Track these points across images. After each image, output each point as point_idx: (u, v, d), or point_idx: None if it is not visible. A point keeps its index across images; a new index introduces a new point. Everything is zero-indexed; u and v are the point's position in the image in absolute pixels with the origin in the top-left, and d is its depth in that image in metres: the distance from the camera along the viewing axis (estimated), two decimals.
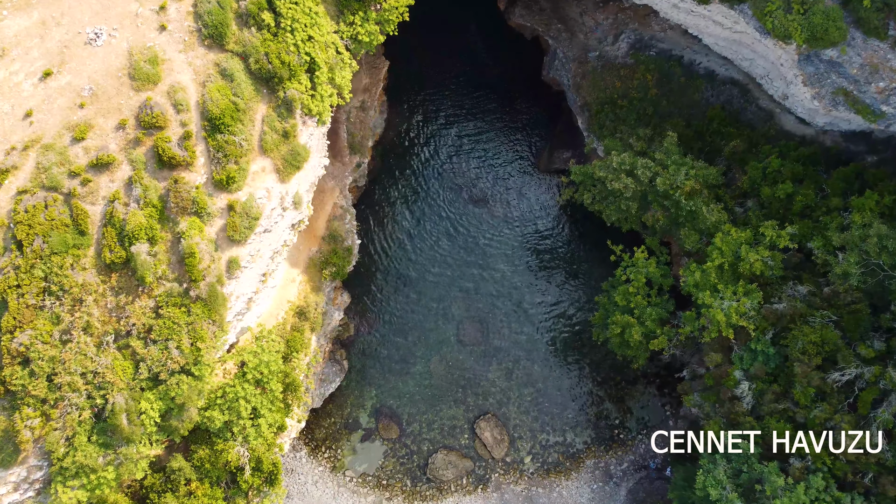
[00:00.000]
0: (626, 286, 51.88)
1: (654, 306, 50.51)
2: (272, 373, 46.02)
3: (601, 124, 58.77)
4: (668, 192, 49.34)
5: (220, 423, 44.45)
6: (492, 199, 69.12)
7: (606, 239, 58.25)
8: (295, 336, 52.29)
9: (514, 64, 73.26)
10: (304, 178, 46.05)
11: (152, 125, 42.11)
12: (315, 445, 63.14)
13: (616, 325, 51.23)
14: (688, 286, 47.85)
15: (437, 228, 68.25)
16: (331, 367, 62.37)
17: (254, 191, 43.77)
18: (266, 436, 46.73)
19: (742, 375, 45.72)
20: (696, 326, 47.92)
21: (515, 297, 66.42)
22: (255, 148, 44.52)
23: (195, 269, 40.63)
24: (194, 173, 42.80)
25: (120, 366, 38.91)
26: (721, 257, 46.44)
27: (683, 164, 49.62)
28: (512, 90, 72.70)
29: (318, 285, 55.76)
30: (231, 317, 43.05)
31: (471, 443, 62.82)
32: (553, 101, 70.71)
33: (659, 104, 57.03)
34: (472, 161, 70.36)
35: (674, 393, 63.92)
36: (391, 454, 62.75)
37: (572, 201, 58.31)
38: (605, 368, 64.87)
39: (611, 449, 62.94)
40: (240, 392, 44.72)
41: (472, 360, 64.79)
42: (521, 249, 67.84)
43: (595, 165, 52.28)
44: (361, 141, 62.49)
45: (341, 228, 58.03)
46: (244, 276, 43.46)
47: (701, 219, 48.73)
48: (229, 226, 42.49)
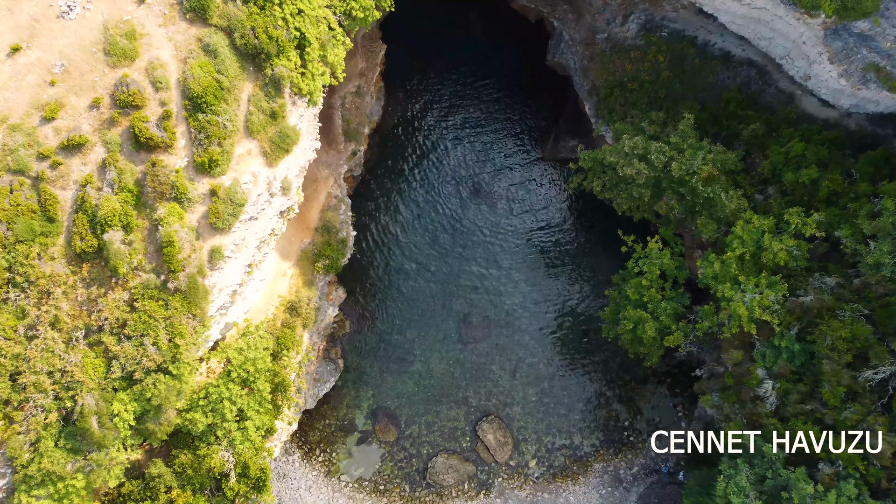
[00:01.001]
0: (639, 279, 48.65)
1: (668, 300, 47.31)
2: (259, 371, 42.81)
3: (610, 109, 55.56)
4: (684, 179, 46.13)
5: (203, 425, 41.26)
6: (494, 190, 65.90)
7: (615, 230, 55.03)
8: (285, 333, 49.12)
9: (518, 48, 70.05)
10: (294, 163, 42.86)
11: (129, 104, 38.92)
12: (308, 449, 59.98)
13: (628, 320, 48.00)
14: (706, 278, 44.61)
15: (436, 220, 65.07)
16: (325, 366, 59.22)
17: (238, 175, 40.58)
18: (253, 439, 43.50)
19: (765, 374, 42.48)
20: (715, 321, 44.72)
21: (520, 293, 63.27)
22: (241, 129, 41.33)
23: (174, 258, 37.44)
24: (174, 156, 39.62)
25: (91, 364, 35.70)
26: (742, 247, 43.21)
27: (700, 149, 46.41)
28: (515, 76, 69.49)
29: (310, 279, 52.59)
30: (213, 311, 39.84)
31: (473, 446, 59.69)
32: (558, 86, 67.50)
33: (672, 87, 53.79)
34: (473, 150, 67.15)
35: (686, 393, 60.83)
36: (389, 458, 59.67)
37: (581, 189, 55.05)
38: (613, 367, 61.73)
39: (620, 452, 59.82)
40: (224, 392, 41.53)
41: (473, 358, 61.64)
42: (525, 242, 64.66)
43: (605, 150, 49.01)
44: (357, 128, 59.28)
45: (335, 219, 54.83)
46: (228, 267, 40.26)
47: (719, 206, 45.50)
48: (212, 212, 39.28)
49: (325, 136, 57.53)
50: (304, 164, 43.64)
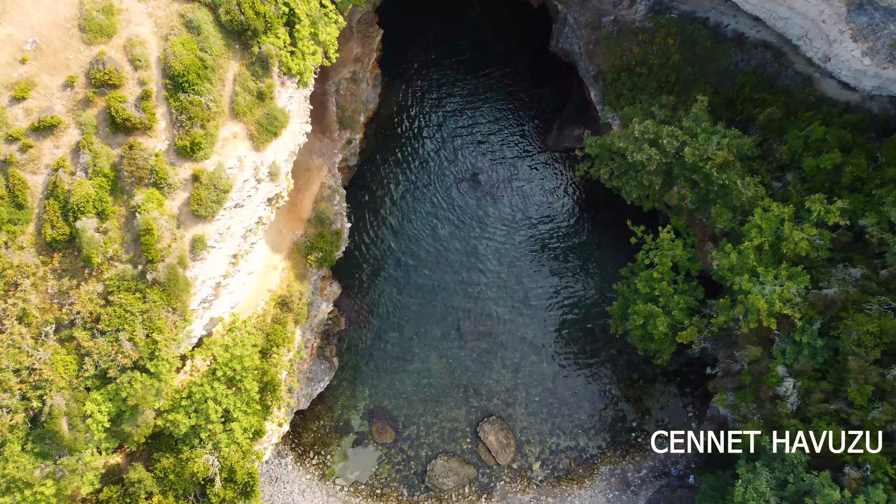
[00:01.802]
0: (650, 271, 46.00)
1: (681, 294, 44.65)
2: (246, 370, 40.18)
3: (617, 94, 52.89)
4: (697, 165, 43.48)
5: (186, 427, 38.64)
6: (496, 181, 63.21)
7: (622, 222, 52.43)
8: (276, 329, 46.50)
9: (520, 34, 67.37)
10: (283, 147, 40.23)
11: (105, 83, 36.35)
12: (302, 451, 57.32)
13: (638, 315, 45.34)
14: (721, 270, 41.95)
15: (436, 213, 62.40)
16: (319, 365, 56.58)
17: (223, 159, 37.96)
18: (240, 442, 40.89)
19: (785, 371, 39.82)
20: (731, 316, 42.06)
21: (523, 288, 60.61)
22: (226, 111, 38.73)
23: (152, 248, 34.81)
24: (153, 139, 37.02)
25: (61, 361, 33.05)
26: (760, 236, 40.56)
27: (714, 133, 43.77)
28: (517, 63, 66.80)
29: (302, 273, 49.94)
30: (196, 304, 37.21)
31: (473, 448, 57.05)
32: (562, 73, 64.81)
33: (682, 71, 51.13)
34: (474, 140, 64.46)
35: (696, 392, 58.20)
36: (386, 460, 57.03)
37: (587, 177, 52.38)
38: (620, 365, 59.09)
39: (628, 454, 57.16)
40: (208, 392, 38.90)
41: (474, 356, 59.01)
42: (527, 235, 61.97)
43: (614, 135, 46.33)
44: (352, 115, 56.65)
45: (329, 210, 52.19)
46: (211, 258, 37.62)
47: (735, 194, 42.85)
48: (193, 199, 36.65)
49: (319, 124, 54.93)
50: (293, 148, 41.01)
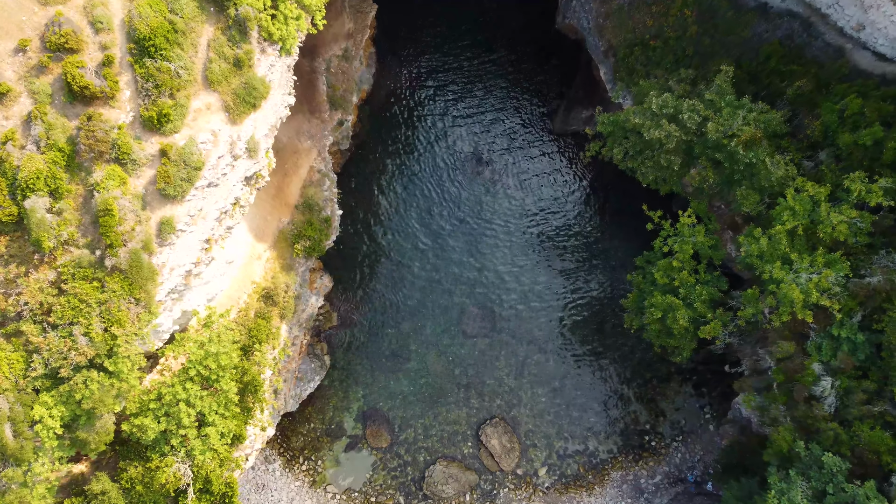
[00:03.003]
0: (668, 260, 41.96)
1: (703, 284, 40.59)
2: (223, 368, 36.12)
3: (630, 70, 48.84)
4: (721, 142, 39.45)
5: (155, 433, 34.58)
6: (498, 167, 59.19)
7: (634, 209, 48.44)
8: (259, 324, 42.52)
9: (524, 11, 63.29)
10: (262, 120, 36.22)
11: (62, 47, 32.39)
12: (291, 456, 53.33)
13: (656, 308, 41.29)
14: (749, 257, 37.91)
15: (434, 201, 58.38)
16: (308, 364, 52.61)
17: (195, 133, 33.96)
18: (217, 448, 36.82)
19: (822, 369, 35.81)
20: (760, 308, 38.03)
21: (527, 281, 56.62)
22: (198, 79, 34.72)
23: (112, 230, 30.81)
24: (116, 110, 33.03)
25: (5, 359, 29.06)
26: (793, 219, 36.53)
27: (740, 107, 39.74)
28: (521, 42, 62.75)
29: (289, 263, 45.95)
30: (163, 295, 33.20)
31: (475, 452, 53.08)
32: (569, 53, 60.85)
33: (701, 43, 47.02)
34: (475, 123, 60.42)
35: (714, 392, 54.20)
36: (381, 466, 53.08)
37: (598, 159, 48.27)
38: (632, 363, 55.10)
39: (641, 459, 53.18)
40: (180, 394, 34.85)
41: (476, 354, 55.03)
42: (533, 225, 57.94)
43: (629, 111, 42.24)
44: (344, 95, 52.65)
45: (318, 196, 48.19)
46: (181, 243, 33.62)
47: (763, 174, 38.82)
48: (160, 177, 32.65)
49: (308, 104, 50.99)
50: (274, 121, 36.99)
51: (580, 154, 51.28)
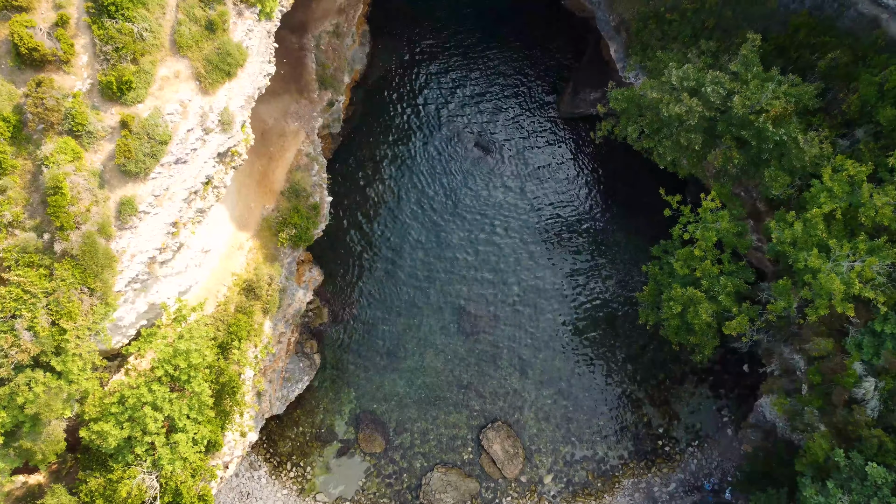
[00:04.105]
0: (688, 248, 38.15)
1: (728, 275, 36.78)
2: (194, 368, 32.34)
3: (644, 45, 45.00)
4: (748, 118, 35.64)
5: (117, 440, 30.79)
6: (500, 154, 55.35)
7: (646, 197, 44.98)
8: (240, 320, 38.75)
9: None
10: (238, 90, 32.47)
11: (9, 4, 28.91)
12: (278, 462, 49.56)
13: (675, 302, 37.48)
14: (780, 244, 34.09)
15: (432, 190, 54.58)
16: (297, 363, 48.87)
17: (161, 104, 30.23)
18: (188, 457, 33.02)
19: (864, 369, 32.00)
20: (793, 301, 34.22)
21: (531, 274, 52.82)
22: (166, 44, 30.98)
23: (63, 211, 27.10)
24: (71, 76, 29.34)
25: None
26: (831, 202, 32.74)
27: (769, 79, 35.97)
28: (525, 20, 58.85)
29: (273, 253, 42.20)
30: (123, 285, 29.44)
31: (476, 458, 49.30)
32: (576, 32, 57.07)
33: (722, 15, 43.14)
34: (476, 106, 56.58)
35: (733, 394, 50.42)
36: (375, 473, 49.32)
37: (608, 144, 44.50)
38: (644, 363, 51.28)
39: (654, 465, 49.38)
40: (145, 396, 31.06)
41: (476, 353, 51.25)
42: (536, 214, 54.14)
43: (646, 85, 38.42)
44: (335, 74, 48.86)
45: (306, 181, 44.41)
46: (144, 226, 29.86)
47: (794, 153, 35.03)
48: (120, 151, 28.90)
49: (296, 83, 47.21)
50: (252, 92, 33.20)
51: (591, 134, 47.42)
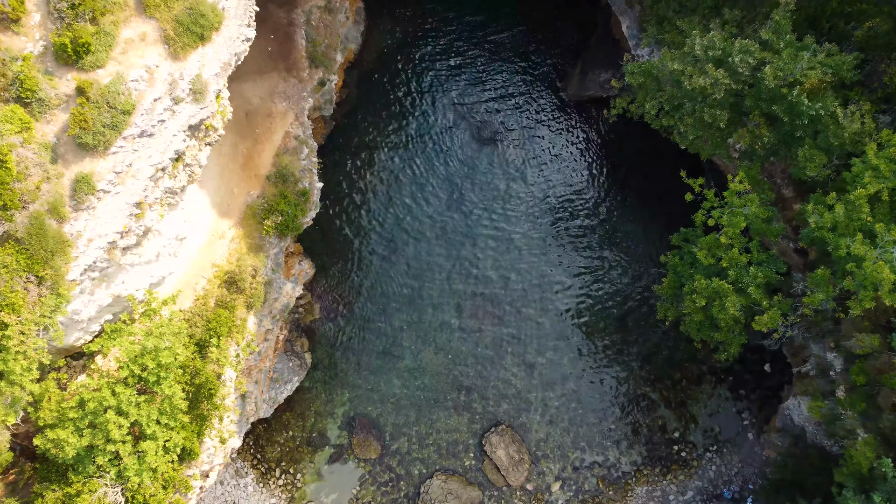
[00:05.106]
0: (713, 236, 34.71)
1: (758, 265, 33.33)
2: (164, 367, 28.84)
3: (659, 19, 41.50)
4: (780, 92, 32.17)
5: (77, 449, 27.41)
6: (504, 140, 51.90)
7: (662, 183, 41.75)
8: (220, 315, 35.31)
9: None
10: (213, 56, 29.01)
11: None
12: (266, 469, 46.18)
13: (699, 294, 33.99)
14: (819, 230, 30.64)
15: (431, 177, 51.12)
16: (286, 362, 45.46)
17: (125, 70, 26.77)
18: (159, 467, 29.58)
19: None
20: (832, 293, 30.79)
21: (537, 268, 49.42)
22: (130, 2, 27.53)
23: (6, 188, 23.68)
24: (22, 37, 25.92)
25: None
26: (877, 181, 29.30)
27: (804, 48, 32.48)
28: (531, 3, 55.32)
29: (258, 243, 38.77)
30: (78, 273, 25.97)
31: (478, 464, 45.98)
32: (585, 9, 53.54)
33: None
34: (478, 90, 53.09)
35: (754, 395, 47.06)
36: (370, 480, 46.02)
37: (620, 126, 41.05)
38: (658, 362, 47.89)
39: (669, 472, 46.05)
40: (108, 400, 27.60)
41: (478, 351, 47.87)
42: (543, 204, 50.68)
43: (666, 56, 34.92)
44: (327, 51, 45.41)
45: (294, 165, 40.97)
46: (104, 206, 26.41)
47: (832, 130, 31.56)
48: (75, 121, 25.46)
49: (284, 61, 43.78)
50: (228, 58, 29.70)
51: (604, 112, 43.93)
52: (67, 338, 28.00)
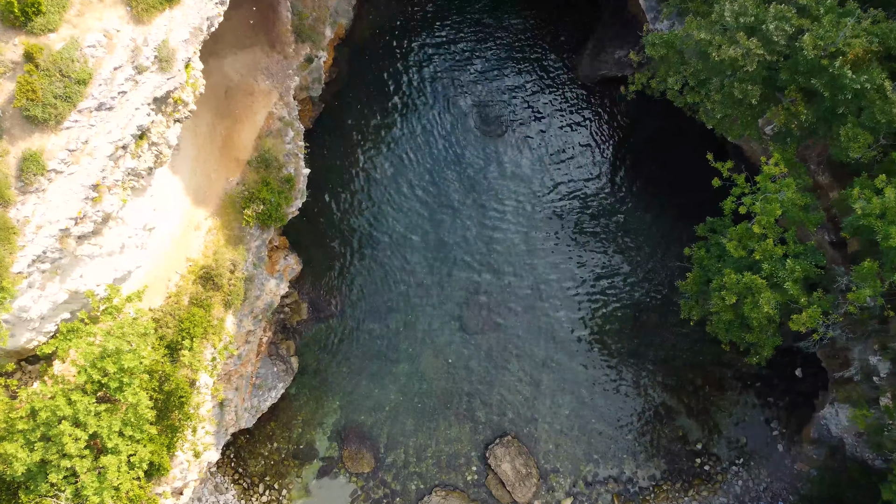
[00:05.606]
0: (744, 225, 31.33)
1: (796, 258, 29.94)
2: (128, 372, 25.34)
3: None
4: (820, 63, 28.86)
5: (27, 464, 23.95)
6: (509, 125, 48.67)
7: (681, 173, 38.44)
8: (194, 314, 31.89)
9: None
10: (182, 20, 25.58)
11: None
12: (248, 484, 42.63)
13: (728, 291, 30.56)
14: (866, 217, 27.28)
15: (429, 164, 47.86)
16: (270, 367, 42.02)
17: (80, 34, 23.35)
18: (122, 484, 26.03)
19: None
20: (880, 288, 27.41)
21: (544, 265, 46.13)
22: None
23: None
24: None
25: None
26: None
27: (847, 14, 29.25)
28: None
29: (237, 235, 35.40)
30: (25, 264, 22.46)
31: (481, 479, 42.54)
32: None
33: None
34: (481, 69, 49.88)
35: (783, 402, 43.70)
36: (362, 496, 42.58)
37: (643, 98, 37.68)
38: (678, 366, 44.54)
39: (691, 487, 42.64)
40: (62, 409, 24.12)
41: (481, 355, 44.50)
42: (551, 195, 47.44)
43: (691, 24, 31.57)
44: (314, 25, 42.12)
45: (278, 149, 37.59)
46: (55, 189, 22.92)
47: (878, 106, 28.30)
48: (22, 91, 22.04)
49: (267, 35, 40.44)
50: (199, 23, 26.23)
51: (621, 89, 40.57)
52: (15, 339, 24.60)
